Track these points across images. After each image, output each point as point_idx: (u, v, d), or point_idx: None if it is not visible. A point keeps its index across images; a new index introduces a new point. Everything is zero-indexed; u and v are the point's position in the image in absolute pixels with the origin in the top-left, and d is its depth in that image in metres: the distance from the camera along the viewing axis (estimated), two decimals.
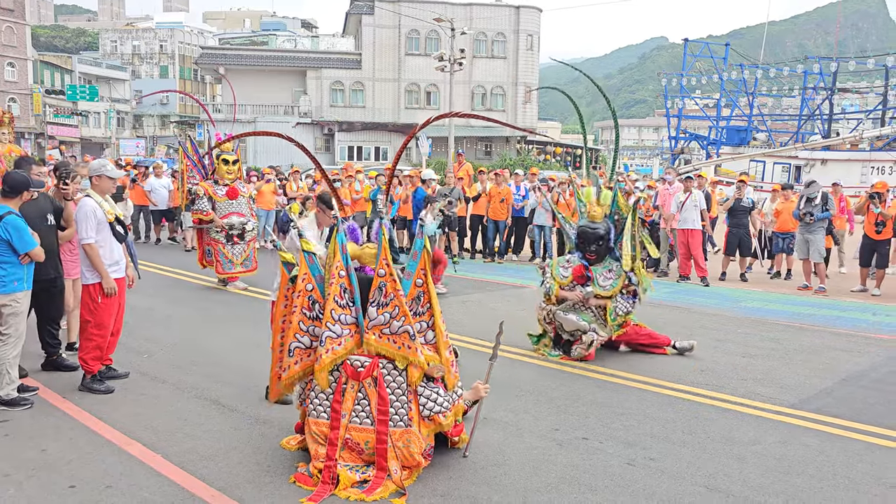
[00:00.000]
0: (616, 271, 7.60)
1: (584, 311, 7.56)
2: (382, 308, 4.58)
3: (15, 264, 5.65)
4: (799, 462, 4.98)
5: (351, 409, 4.59)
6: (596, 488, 4.50)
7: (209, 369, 6.89)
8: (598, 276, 7.57)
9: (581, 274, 7.57)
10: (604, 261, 7.66)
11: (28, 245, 5.61)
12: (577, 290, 7.56)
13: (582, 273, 7.57)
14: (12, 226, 5.55)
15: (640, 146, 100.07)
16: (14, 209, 5.69)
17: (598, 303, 7.55)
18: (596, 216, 7.70)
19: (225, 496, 4.28)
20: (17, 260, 5.64)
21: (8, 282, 5.63)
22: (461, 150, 26.09)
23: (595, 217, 7.70)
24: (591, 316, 7.55)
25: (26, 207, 5.93)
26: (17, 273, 5.67)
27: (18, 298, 5.71)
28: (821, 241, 12.07)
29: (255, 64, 52.22)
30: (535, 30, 53.71)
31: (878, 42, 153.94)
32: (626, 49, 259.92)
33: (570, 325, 7.46)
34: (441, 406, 4.65)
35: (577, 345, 7.46)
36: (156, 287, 10.97)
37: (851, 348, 8.29)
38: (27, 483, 4.43)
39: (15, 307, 5.70)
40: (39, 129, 56.56)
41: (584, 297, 7.53)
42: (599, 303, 7.55)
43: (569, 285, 7.60)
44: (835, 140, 33.54)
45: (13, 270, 5.65)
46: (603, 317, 7.58)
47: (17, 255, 5.61)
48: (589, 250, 7.60)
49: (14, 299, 5.68)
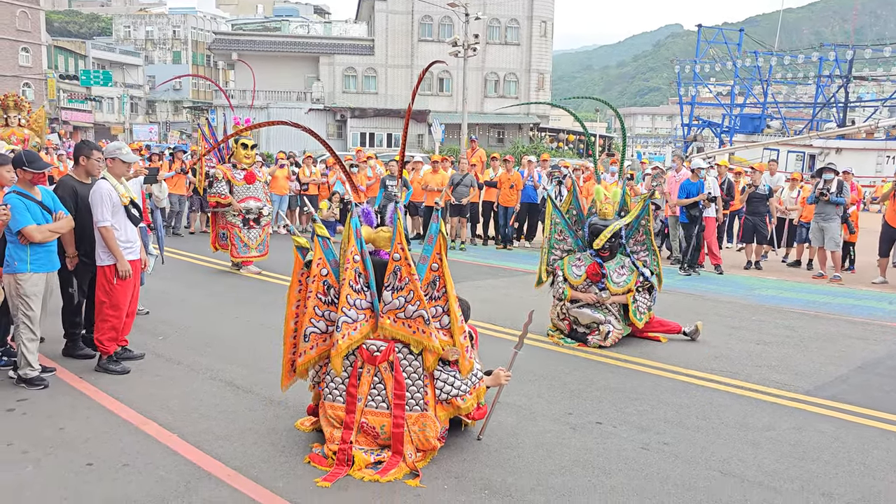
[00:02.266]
0: (628, 267, 7.59)
1: (600, 309, 7.51)
2: (397, 292, 4.56)
3: (16, 244, 5.63)
4: (814, 448, 4.96)
5: (367, 394, 4.59)
6: (610, 471, 4.50)
7: (223, 351, 6.93)
8: (611, 273, 7.53)
9: (595, 271, 7.50)
10: (616, 257, 7.62)
11: (17, 224, 5.55)
12: (591, 291, 7.52)
13: (596, 270, 7.50)
14: (8, 203, 5.55)
15: (653, 134, 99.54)
16: (22, 188, 5.70)
17: (616, 300, 7.50)
18: (607, 213, 7.67)
19: (241, 475, 4.30)
20: (17, 240, 5.63)
21: (10, 262, 5.65)
22: (474, 136, 26.00)
23: (606, 214, 7.67)
24: (606, 311, 7.51)
25: (60, 190, 6.00)
26: (20, 254, 5.65)
27: (21, 280, 5.67)
28: (836, 230, 11.92)
29: (268, 50, 52.19)
30: (548, 16, 53.38)
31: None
32: (640, 36, 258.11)
33: (586, 318, 7.48)
34: (458, 389, 4.63)
35: (594, 335, 7.45)
36: (172, 271, 11.01)
37: (867, 336, 8.24)
38: (45, 460, 4.47)
39: (18, 288, 5.67)
40: (54, 114, 56.81)
41: (600, 299, 7.49)
42: (617, 300, 7.51)
43: (582, 284, 7.55)
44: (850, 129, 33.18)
45: (14, 251, 5.64)
46: (621, 313, 7.56)
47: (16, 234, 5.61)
48: (602, 248, 7.53)
49: (17, 280, 5.66)
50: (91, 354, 6.51)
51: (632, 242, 7.79)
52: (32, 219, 5.62)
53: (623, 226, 7.58)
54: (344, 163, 5.45)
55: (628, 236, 7.71)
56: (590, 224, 7.72)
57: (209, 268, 11.79)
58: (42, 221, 5.72)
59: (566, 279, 7.62)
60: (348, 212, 4.79)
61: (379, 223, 4.90)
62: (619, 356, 7.11)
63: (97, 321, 6.23)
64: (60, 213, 5.90)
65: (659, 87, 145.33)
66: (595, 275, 7.50)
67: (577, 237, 7.91)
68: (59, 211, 5.91)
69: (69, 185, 6.35)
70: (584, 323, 7.52)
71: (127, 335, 6.52)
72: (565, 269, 7.67)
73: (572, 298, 7.58)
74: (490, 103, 52.52)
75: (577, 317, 7.52)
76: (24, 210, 5.61)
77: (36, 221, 5.65)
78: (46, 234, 5.73)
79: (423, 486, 4.25)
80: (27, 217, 5.60)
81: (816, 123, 39.57)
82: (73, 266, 6.42)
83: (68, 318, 6.71)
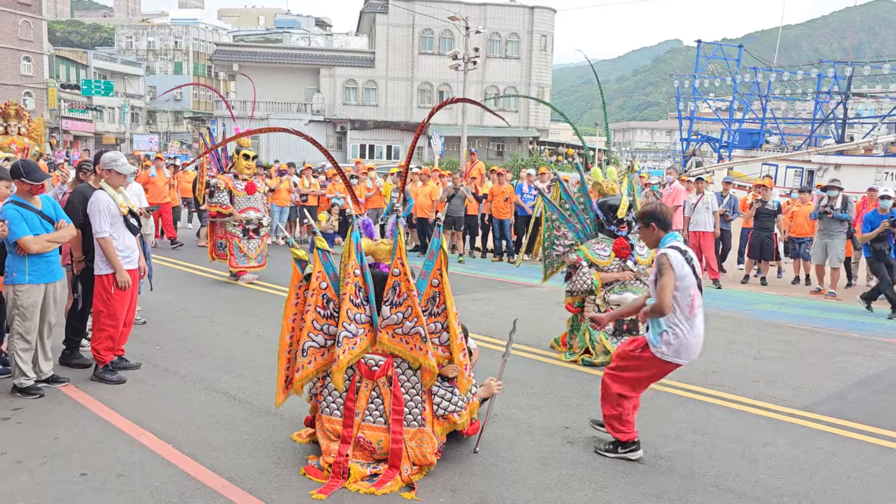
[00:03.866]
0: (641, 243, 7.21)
1: (639, 287, 7.20)
2: (395, 308, 4.55)
3: (14, 255, 5.63)
4: (811, 464, 4.94)
5: (364, 408, 4.58)
6: (606, 486, 4.49)
7: (219, 362, 6.92)
8: (636, 245, 7.33)
9: (623, 245, 7.26)
10: (632, 230, 7.39)
11: (13, 235, 5.54)
12: (626, 269, 7.25)
13: (623, 244, 7.26)
14: (4, 215, 5.56)
15: (652, 149, 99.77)
16: (20, 197, 5.69)
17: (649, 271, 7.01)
18: (613, 190, 7.55)
19: (236, 487, 4.29)
20: (15, 251, 5.62)
21: (9, 272, 5.64)
22: (474, 149, 26.06)
23: (613, 191, 7.55)
24: (644, 287, 7.15)
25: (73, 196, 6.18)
26: (18, 265, 5.63)
27: (19, 291, 5.64)
28: (840, 247, 11.79)
29: (269, 61, 52.38)
30: (548, 30, 53.63)
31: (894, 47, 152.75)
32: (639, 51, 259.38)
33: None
34: (455, 406, 4.62)
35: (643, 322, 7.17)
36: (169, 281, 11.01)
37: (865, 352, 8.23)
38: (39, 470, 4.45)
39: (15, 299, 5.64)
40: (54, 123, 56.91)
41: (635, 273, 7.22)
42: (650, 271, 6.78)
43: (612, 263, 7.26)
44: (849, 145, 33.23)
45: (13, 261, 5.63)
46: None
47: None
48: (622, 222, 7.31)
49: (15, 290, 5.64)
50: (87, 364, 6.49)
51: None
52: (30, 229, 5.61)
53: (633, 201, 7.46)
54: (345, 173, 5.46)
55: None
56: (601, 204, 7.49)
57: (206, 278, 11.77)
58: (41, 231, 5.70)
59: (593, 264, 7.26)
60: (348, 224, 4.78)
61: (379, 237, 4.91)
62: None
63: (94, 330, 6.22)
64: (62, 222, 5.89)
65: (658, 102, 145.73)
66: (623, 249, 7.26)
67: (578, 230, 7.66)
68: (61, 220, 5.90)
69: (81, 193, 6.48)
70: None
71: (124, 345, 6.51)
72: (588, 254, 7.32)
73: (604, 283, 7.21)
74: (490, 116, 52.63)
75: (620, 303, 6.90)
76: (21, 220, 5.59)
77: (34, 231, 5.64)
78: (44, 244, 5.69)
79: (418, 499, 4.23)
80: (24, 228, 5.59)
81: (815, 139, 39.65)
82: (78, 271, 6.42)
83: (71, 323, 6.71)
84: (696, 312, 4.76)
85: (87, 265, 6.39)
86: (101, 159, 6.31)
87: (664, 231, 4.92)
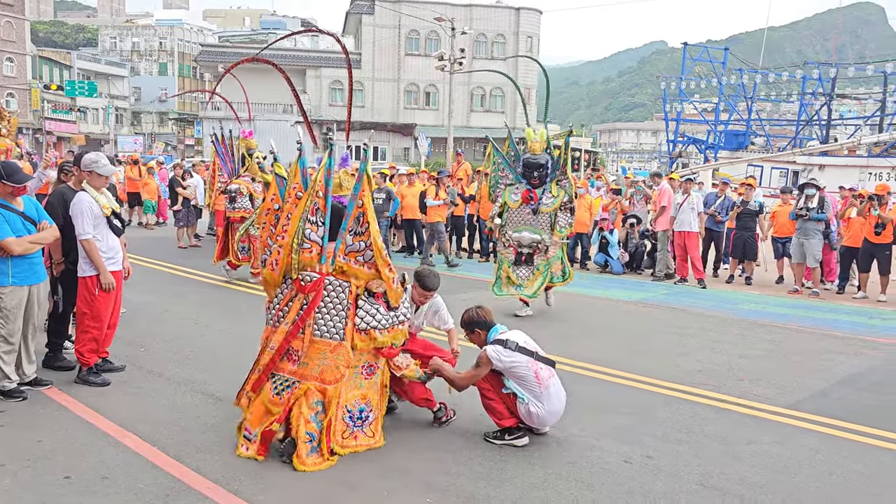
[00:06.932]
0: (554, 193, 9.29)
1: (536, 229, 9.29)
2: (358, 236, 4.83)
3: None
4: (795, 462, 4.98)
5: (292, 319, 4.80)
6: (592, 485, 4.50)
7: (205, 364, 6.89)
8: (542, 197, 9.30)
9: (527, 196, 9.28)
10: (545, 185, 9.31)
11: None
12: (524, 234, 9.31)
13: (528, 196, 9.29)
14: None
15: (638, 150, 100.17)
16: (4, 200, 5.61)
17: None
18: (536, 150, 9.31)
19: (221, 488, 4.27)
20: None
21: None
22: (460, 150, 26.07)
23: (535, 150, 9.31)
24: (541, 230, 9.31)
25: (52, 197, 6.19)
26: (1, 266, 5.55)
27: (2, 293, 5.56)
28: (816, 246, 12.00)
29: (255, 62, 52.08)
30: (535, 32, 53.81)
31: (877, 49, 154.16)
32: (625, 52, 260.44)
33: (527, 239, 9.28)
34: (379, 323, 4.83)
35: (538, 255, 9.26)
36: (153, 283, 10.95)
37: (849, 351, 8.30)
38: (22, 473, 4.41)
39: None
40: (37, 124, 56.45)
41: (533, 241, 9.29)
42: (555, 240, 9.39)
43: (519, 207, 9.34)
44: (833, 146, 33.50)
45: None
46: (548, 232, 9.34)
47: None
48: (533, 177, 9.24)
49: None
50: (71, 366, 6.44)
51: (558, 173, 9.39)
52: (12, 230, 5.55)
53: (550, 160, 9.30)
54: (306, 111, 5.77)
55: (555, 168, 9.35)
56: (524, 160, 9.38)
57: (190, 279, 11.72)
58: (23, 232, 5.64)
59: (505, 203, 9.50)
60: (329, 144, 5.12)
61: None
62: (601, 368, 7.12)
63: (78, 332, 6.18)
64: (45, 224, 5.84)
65: (644, 103, 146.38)
66: (527, 199, 9.30)
67: (518, 173, 9.51)
68: (44, 221, 5.85)
69: (61, 194, 6.40)
70: (526, 244, 9.28)
71: (108, 347, 6.46)
72: (506, 196, 9.55)
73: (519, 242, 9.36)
74: (476, 117, 52.73)
75: (520, 240, 9.32)
76: (3, 222, 5.53)
77: (16, 233, 5.58)
78: (27, 245, 5.64)
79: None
80: (6, 229, 5.53)
81: (800, 140, 39.91)
82: (58, 272, 6.37)
83: (54, 326, 6.65)
84: (548, 384, 5.09)
85: (68, 267, 6.34)
86: (83, 161, 6.23)
87: (487, 330, 5.34)
